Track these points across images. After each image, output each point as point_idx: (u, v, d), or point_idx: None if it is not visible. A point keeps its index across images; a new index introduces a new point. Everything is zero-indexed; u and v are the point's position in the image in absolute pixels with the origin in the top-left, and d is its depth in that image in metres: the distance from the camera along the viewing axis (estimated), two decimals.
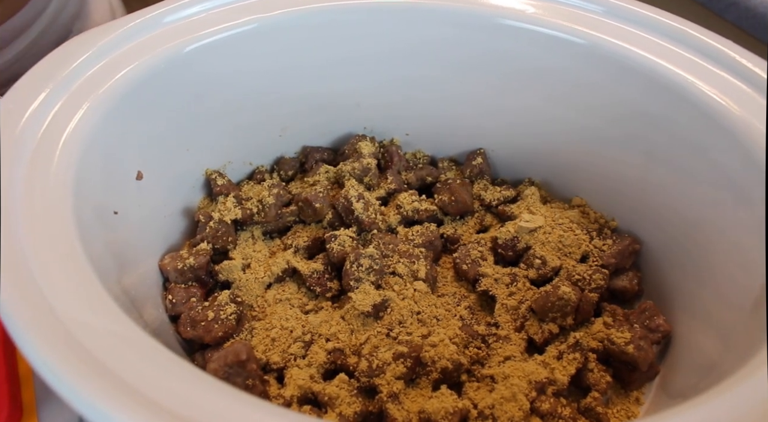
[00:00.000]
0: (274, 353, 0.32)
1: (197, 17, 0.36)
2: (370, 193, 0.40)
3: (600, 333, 0.34)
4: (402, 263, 0.36)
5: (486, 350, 0.34)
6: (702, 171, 0.34)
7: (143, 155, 0.34)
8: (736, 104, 0.32)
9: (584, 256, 0.38)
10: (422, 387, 0.31)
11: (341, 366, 0.32)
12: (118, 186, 0.33)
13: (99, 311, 0.23)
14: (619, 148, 0.38)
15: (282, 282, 0.37)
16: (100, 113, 0.31)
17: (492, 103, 0.41)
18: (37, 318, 0.22)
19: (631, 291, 0.37)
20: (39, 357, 0.21)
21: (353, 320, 0.34)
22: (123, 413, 0.19)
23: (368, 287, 0.34)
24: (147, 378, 0.21)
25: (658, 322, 0.34)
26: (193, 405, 0.20)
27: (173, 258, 0.35)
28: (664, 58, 0.35)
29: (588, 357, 0.33)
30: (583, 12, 0.38)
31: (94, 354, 0.21)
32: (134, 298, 0.30)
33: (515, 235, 0.37)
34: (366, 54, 0.40)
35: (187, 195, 0.39)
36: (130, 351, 0.22)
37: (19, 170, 0.27)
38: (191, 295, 0.35)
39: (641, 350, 0.32)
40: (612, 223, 0.40)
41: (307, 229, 0.39)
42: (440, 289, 0.37)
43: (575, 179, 0.42)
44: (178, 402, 0.20)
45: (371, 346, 0.32)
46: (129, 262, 0.32)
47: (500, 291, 0.36)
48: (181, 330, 0.33)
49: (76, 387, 0.20)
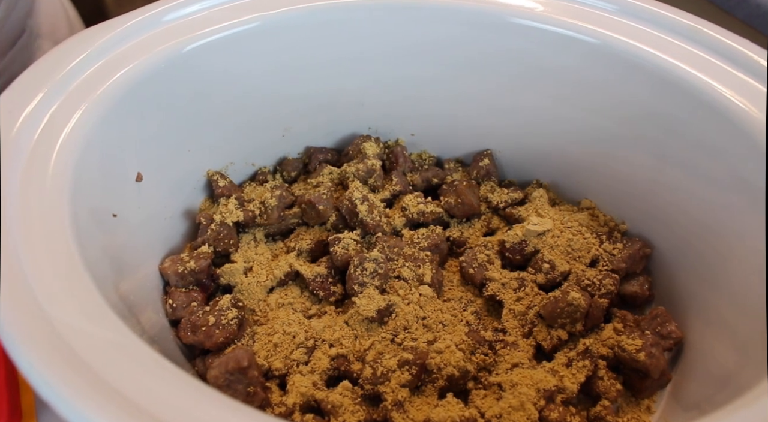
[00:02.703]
0: (277, 359, 0.32)
1: (197, 15, 0.36)
2: (375, 195, 0.40)
3: (610, 340, 0.33)
4: (407, 267, 0.35)
5: (493, 357, 0.33)
6: (717, 173, 0.33)
7: (143, 156, 0.34)
8: (754, 105, 0.31)
9: (594, 260, 0.37)
10: (428, 395, 0.31)
11: (345, 373, 0.32)
12: (117, 188, 0.32)
13: (94, 318, 0.23)
14: (630, 149, 0.38)
15: (284, 286, 0.36)
16: (97, 114, 0.30)
17: (500, 103, 0.41)
18: (31, 327, 0.22)
19: (642, 296, 0.37)
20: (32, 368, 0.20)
21: (357, 325, 0.33)
22: None
23: (373, 291, 0.34)
24: (143, 390, 0.20)
25: (670, 329, 0.33)
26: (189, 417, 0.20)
27: (174, 262, 0.35)
28: (678, 58, 0.34)
29: (598, 365, 0.32)
30: (594, 10, 0.37)
31: (88, 364, 0.21)
32: (133, 303, 0.30)
33: (523, 239, 0.37)
34: (371, 52, 0.40)
35: (188, 196, 0.39)
36: (126, 360, 0.21)
37: (15, 173, 0.27)
38: (192, 299, 0.34)
39: (653, 357, 0.31)
40: (622, 226, 0.39)
41: (310, 232, 0.39)
42: (446, 294, 0.36)
43: (584, 181, 0.41)
44: (175, 415, 0.20)
45: (375, 352, 0.31)
46: (128, 266, 0.31)
47: (508, 296, 0.35)
48: (181, 336, 0.33)
49: (70, 400, 0.20)
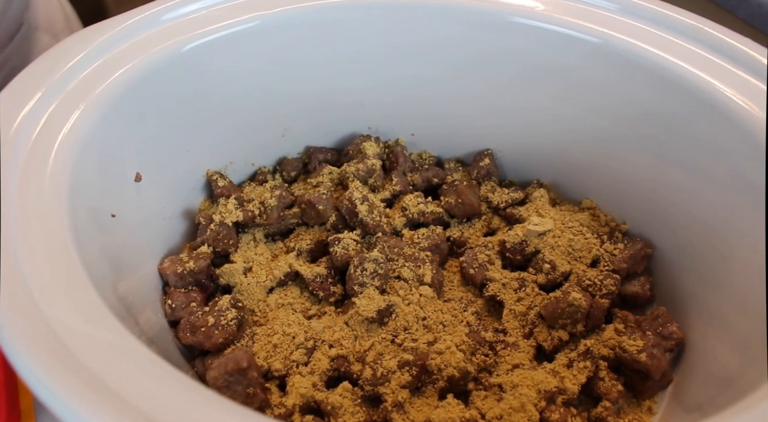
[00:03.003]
0: (276, 360, 0.32)
1: (196, 15, 0.36)
2: (375, 195, 0.39)
3: (611, 341, 0.33)
4: (407, 267, 0.35)
5: (494, 357, 0.33)
6: (718, 173, 0.33)
7: (142, 156, 0.34)
8: (755, 104, 0.31)
9: (595, 261, 0.37)
10: (428, 396, 0.31)
11: (345, 374, 0.32)
12: (116, 188, 0.32)
13: (93, 319, 0.23)
14: (631, 148, 0.38)
15: (284, 287, 0.36)
16: (96, 114, 0.30)
17: (500, 103, 0.41)
18: (28, 328, 0.21)
19: (643, 296, 0.36)
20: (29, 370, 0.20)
21: (357, 326, 0.33)
22: None
23: (373, 292, 0.33)
24: (141, 392, 0.20)
25: (672, 329, 0.33)
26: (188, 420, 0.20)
27: (173, 262, 0.35)
28: (679, 57, 0.34)
29: (599, 366, 0.32)
30: (595, 9, 0.37)
31: (86, 366, 0.21)
32: (132, 304, 0.30)
33: (524, 239, 0.37)
34: (370, 52, 0.39)
35: (187, 196, 0.38)
36: (124, 362, 0.21)
37: (12, 173, 0.26)
38: (191, 300, 0.34)
39: (654, 358, 0.31)
40: (623, 227, 0.39)
41: (310, 232, 0.39)
42: (446, 294, 0.36)
43: (585, 181, 0.41)
44: (173, 417, 0.19)
45: (376, 353, 0.31)
46: (127, 266, 0.31)
47: (508, 296, 0.35)
48: (180, 336, 0.32)
49: (68, 402, 0.19)
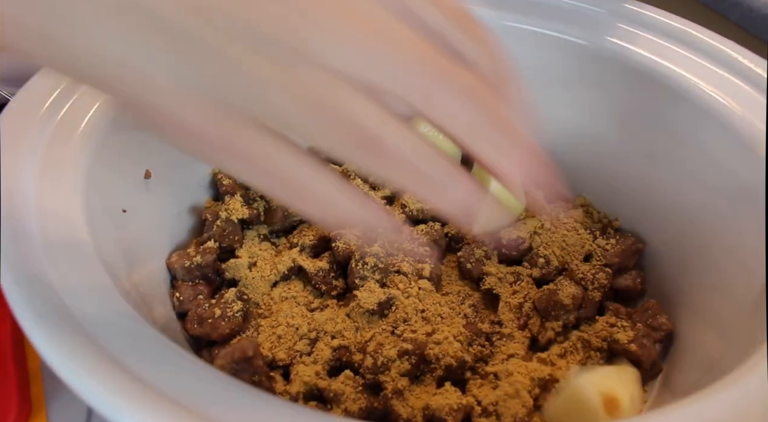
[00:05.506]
0: (280, 350, 0.33)
1: None
2: (376, 193, 0.40)
3: (603, 332, 0.34)
4: (407, 262, 0.36)
5: (490, 348, 0.34)
6: (703, 171, 0.34)
7: (152, 154, 0.35)
8: (738, 104, 0.32)
9: (588, 256, 0.38)
10: (426, 384, 0.32)
11: (346, 363, 0.32)
12: (128, 184, 0.33)
13: (111, 307, 0.24)
14: (622, 148, 0.39)
15: (288, 281, 0.37)
16: (113, 111, 0.31)
17: None
18: (50, 314, 0.22)
19: (634, 290, 0.37)
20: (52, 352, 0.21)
21: (358, 318, 0.34)
22: (134, 406, 0.20)
23: (373, 285, 0.34)
24: (158, 373, 0.21)
25: (661, 321, 0.34)
26: (202, 398, 0.21)
27: (181, 256, 0.36)
28: (666, 59, 0.35)
29: (591, 355, 0.33)
30: (586, 13, 0.38)
31: (106, 349, 0.21)
32: (143, 295, 0.31)
33: (519, 235, 0.38)
34: None
35: (194, 193, 0.39)
36: (142, 346, 0.22)
37: (31, 168, 0.27)
38: (198, 293, 0.35)
39: (644, 348, 0.32)
40: (615, 223, 0.40)
41: (312, 228, 0.39)
42: (445, 288, 0.37)
43: (579, 179, 0.42)
44: (189, 396, 0.21)
45: (376, 343, 0.32)
46: (138, 260, 0.32)
47: (504, 289, 0.36)
48: (188, 327, 0.33)
49: (89, 381, 0.20)
